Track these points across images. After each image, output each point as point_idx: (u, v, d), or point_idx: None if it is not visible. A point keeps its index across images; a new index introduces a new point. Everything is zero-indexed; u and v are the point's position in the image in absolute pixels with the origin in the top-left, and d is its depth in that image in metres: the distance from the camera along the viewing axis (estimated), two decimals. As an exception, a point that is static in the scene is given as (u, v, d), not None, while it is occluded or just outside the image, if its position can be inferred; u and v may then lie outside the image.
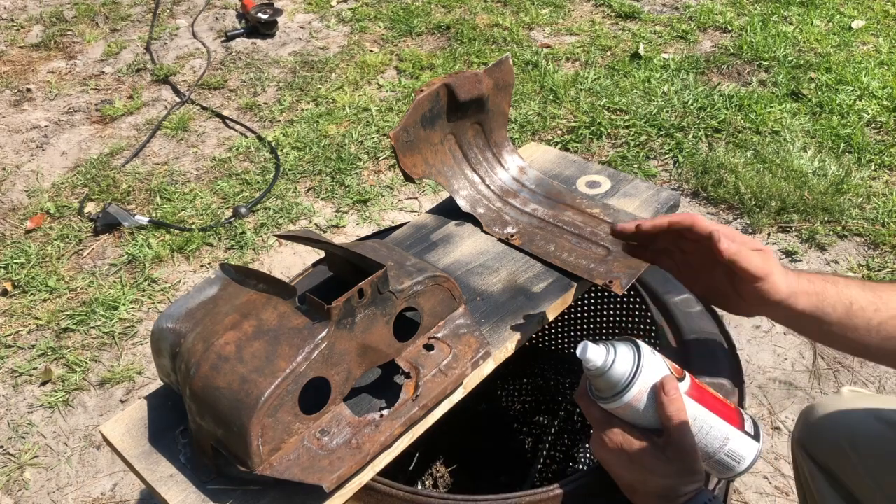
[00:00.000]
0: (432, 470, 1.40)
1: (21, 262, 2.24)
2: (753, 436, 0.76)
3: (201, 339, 0.76)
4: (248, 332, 0.75)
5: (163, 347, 0.81)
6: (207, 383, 0.73)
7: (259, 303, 0.78)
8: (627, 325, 1.16)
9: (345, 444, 0.74)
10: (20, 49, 3.47)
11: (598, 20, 3.39)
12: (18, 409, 1.83)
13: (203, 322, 0.79)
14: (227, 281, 0.84)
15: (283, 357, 0.72)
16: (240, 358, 0.73)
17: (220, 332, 0.76)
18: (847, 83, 2.77)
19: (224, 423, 0.72)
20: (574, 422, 1.32)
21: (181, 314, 0.81)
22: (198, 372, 0.74)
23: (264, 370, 0.71)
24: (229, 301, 0.80)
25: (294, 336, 0.73)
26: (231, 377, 0.72)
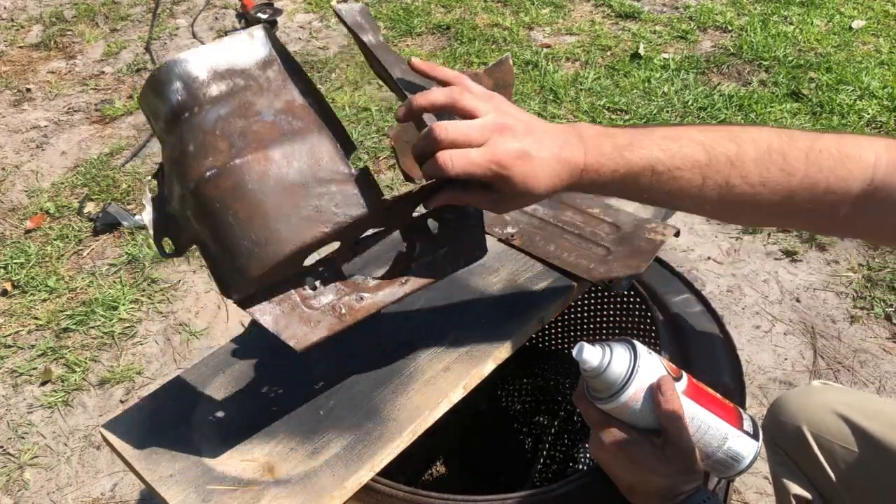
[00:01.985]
0: (432, 470, 1.40)
1: (21, 262, 2.24)
2: (752, 435, 0.76)
3: (227, 137, 0.66)
4: (286, 164, 0.66)
5: (166, 94, 0.68)
6: (224, 201, 0.65)
7: (306, 128, 0.69)
8: (627, 325, 1.16)
9: (328, 306, 0.71)
10: (20, 49, 3.47)
11: (598, 20, 3.39)
12: (18, 410, 1.83)
13: (230, 104, 0.67)
14: (269, 58, 0.71)
15: (316, 220, 0.65)
16: (270, 193, 0.65)
17: (253, 142, 0.66)
18: (847, 83, 2.77)
19: (224, 249, 0.66)
20: (574, 422, 1.32)
21: (204, 72, 0.68)
22: (217, 181, 0.65)
23: (292, 225, 0.65)
24: (267, 94, 0.69)
25: (334, 202, 0.67)
26: (253, 213, 0.65)
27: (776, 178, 0.72)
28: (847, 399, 0.96)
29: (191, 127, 0.67)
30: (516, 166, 0.69)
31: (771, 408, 1.02)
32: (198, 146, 0.66)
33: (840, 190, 0.71)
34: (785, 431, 0.97)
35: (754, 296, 1.99)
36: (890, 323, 1.90)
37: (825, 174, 0.71)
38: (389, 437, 0.78)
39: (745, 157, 0.72)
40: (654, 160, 0.72)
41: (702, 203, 0.74)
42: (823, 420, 0.94)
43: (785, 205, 0.73)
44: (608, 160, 0.72)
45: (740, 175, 0.72)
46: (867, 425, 0.91)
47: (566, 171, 0.71)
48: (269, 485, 0.75)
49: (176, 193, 0.68)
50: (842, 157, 0.71)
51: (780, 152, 0.72)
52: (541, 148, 0.70)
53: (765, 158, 0.72)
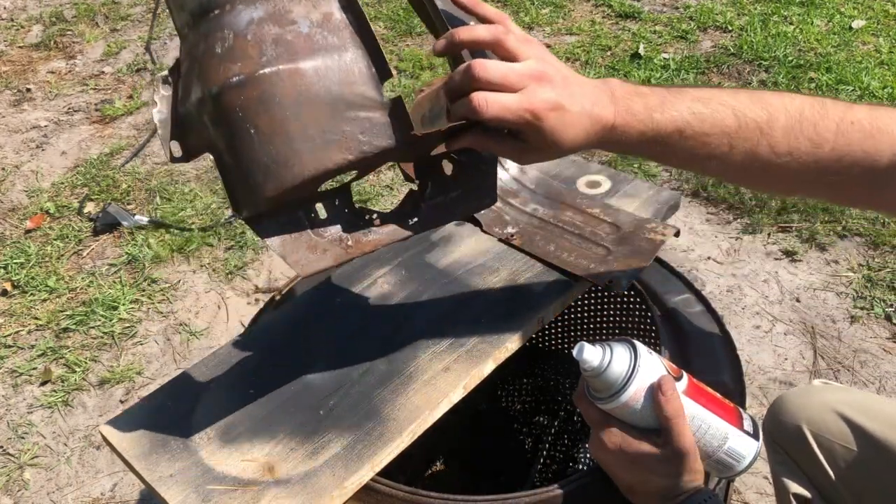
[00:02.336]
0: (432, 470, 1.40)
1: (21, 262, 2.24)
2: (753, 434, 0.76)
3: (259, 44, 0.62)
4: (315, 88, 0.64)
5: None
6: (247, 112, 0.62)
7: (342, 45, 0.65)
8: (627, 325, 1.16)
9: (335, 236, 0.69)
10: (20, 49, 3.47)
11: (598, 20, 3.39)
12: (18, 410, 1.83)
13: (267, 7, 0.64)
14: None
15: (340, 147, 0.63)
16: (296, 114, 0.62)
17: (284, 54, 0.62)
18: (847, 83, 2.77)
19: (239, 163, 0.64)
20: (574, 422, 1.32)
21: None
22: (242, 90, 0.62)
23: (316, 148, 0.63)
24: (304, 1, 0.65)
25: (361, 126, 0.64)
26: (277, 129, 0.62)
27: (804, 147, 0.70)
28: (847, 398, 0.96)
29: (220, 25, 0.63)
30: (549, 118, 0.67)
31: (771, 407, 1.02)
32: (226, 49, 0.62)
33: (866, 164, 0.70)
34: (785, 430, 0.97)
35: (754, 296, 1.99)
36: (890, 323, 1.90)
37: (853, 147, 0.70)
38: (389, 437, 0.78)
39: (776, 125, 0.70)
40: (684, 123, 0.70)
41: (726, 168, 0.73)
42: (823, 419, 0.94)
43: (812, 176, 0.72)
44: (638, 122, 0.70)
45: (769, 143, 0.71)
46: (867, 425, 0.91)
47: (595, 129, 0.70)
48: (269, 485, 0.75)
49: (194, 94, 0.65)
50: (873, 130, 0.70)
51: (812, 122, 0.70)
52: (574, 102, 0.68)
53: (795, 127, 0.70)
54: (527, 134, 0.69)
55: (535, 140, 0.69)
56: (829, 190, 0.74)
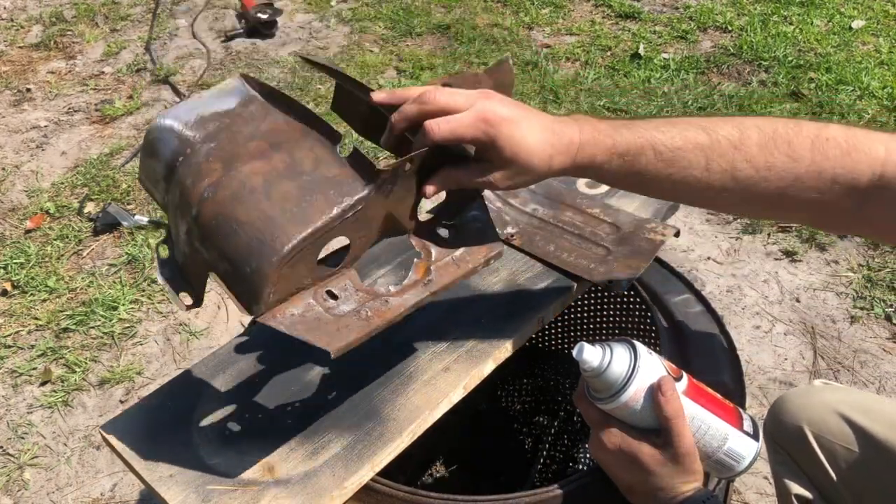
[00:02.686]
0: (432, 470, 1.40)
1: (21, 262, 2.24)
2: (752, 435, 0.76)
3: (220, 160, 0.69)
4: (279, 168, 0.68)
5: (160, 151, 0.72)
6: (224, 212, 0.66)
7: (291, 137, 0.71)
8: (627, 325, 1.16)
9: (352, 312, 0.70)
10: (20, 49, 3.47)
11: (598, 20, 3.39)
12: (18, 410, 1.83)
13: (219, 138, 0.71)
14: (249, 96, 0.75)
15: (317, 208, 0.66)
16: (267, 195, 0.66)
17: (244, 157, 0.69)
18: (847, 83, 2.77)
19: (234, 261, 0.66)
20: (574, 422, 1.32)
21: (191, 120, 0.72)
22: (214, 196, 0.67)
23: (295, 216, 0.66)
24: (251, 122, 0.72)
25: (331, 188, 0.67)
26: (255, 214, 0.66)
27: (782, 163, 0.70)
28: (848, 399, 0.96)
29: (187, 165, 0.69)
30: (503, 126, 0.68)
31: (772, 407, 1.02)
32: (194, 176, 0.68)
33: (846, 181, 0.69)
34: (786, 431, 0.97)
35: (754, 296, 1.99)
36: (890, 323, 1.90)
37: (831, 163, 0.69)
38: (389, 437, 0.78)
39: (749, 142, 0.70)
40: (653, 139, 0.70)
41: (708, 189, 0.72)
42: (824, 420, 0.94)
43: (793, 194, 0.71)
44: (605, 136, 0.71)
45: (745, 158, 0.70)
46: (868, 425, 0.91)
47: (561, 144, 0.70)
48: (269, 485, 0.75)
49: (182, 234, 0.70)
50: (849, 147, 0.69)
51: (786, 138, 0.70)
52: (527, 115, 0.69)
53: (769, 144, 0.70)
54: (487, 150, 0.69)
55: (496, 155, 0.69)
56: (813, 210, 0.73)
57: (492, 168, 0.71)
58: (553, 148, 0.70)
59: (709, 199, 0.75)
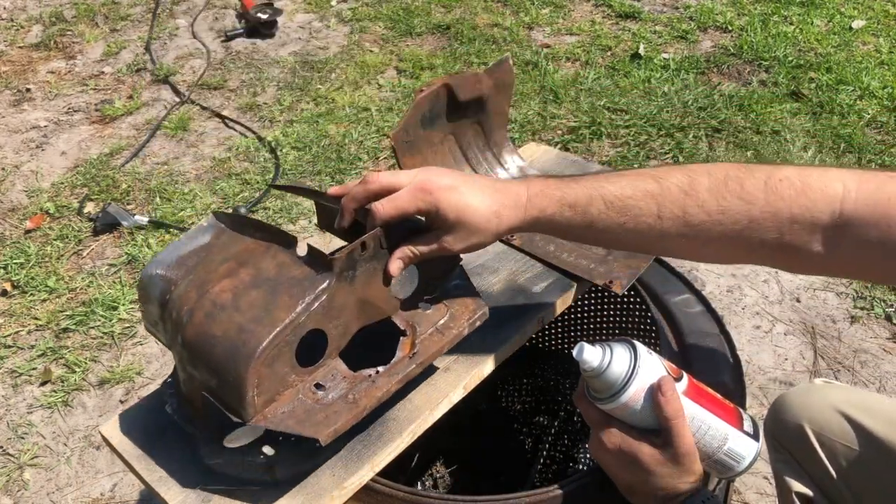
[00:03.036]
0: (432, 470, 1.40)
1: (20, 262, 2.24)
2: (752, 435, 0.76)
3: (195, 287, 0.75)
4: (246, 280, 0.74)
5: (151, 294, 0.79)
6: (202, 331, 0.71)
7: (257, 252, 0.77)
8: (627, 326, 1.16)
9: (340, 398, 0.73)
10: (20, 49, 3.47)
11: (598, 20, 3.39)
12: (18, 410, 1.83)
13: (196, 270, 0.77)
14: (220, 229, 0.82)
15: (283, 307, 0.70)
16: (236, 307, 0.72)
17: (215, 279, 0.74)
18: (847, 83, 2.77)
19: (218, 373, 0.70)
20: (574, 422, 1.32)
21: (172, 261, 0.79)
22: (191, 319, 0.72)
23: (262, 319, 0.70)
24: (224, 250, 0.79)
25: (294, 286, 0.72)
26: (227, 325, 0.70)
27: (735, 206, 0.70)
28: (849, 397, 0.96)
29: (172, 301, 0.76)
30: (443, 193, 0.72)
31: (773, 406, 1.02)
32: (177, 308, 0.75)
33: (806, 220, 0.69)
34: (787, 429, 0.97)
35: (754, 296, 1.99)
36: (890, 323, 1.90)
37: (787, 203, 0.69)
38: (389, 437, 0.78)
39: (699, 187, 0.70)
40: (602, 190, 0.72)
41: (663, 237, 0.73)
42: (825, 418, 0.94)
43: (751, 236, 0.70)
44: (554, 189, 0.73)
45: (696, 204, 0.70)
46: (868, 423, 0.91)
47: (508, 200, 0.73)
48: (269, 485, 0.75)
49: (178, 363, 0.76)
50: (804, 187, 0.69)
51: (737, 181, 0.70)
52: (469, 181, 0.73)
53: (720, 187, 0.70)
54: (433, 218, 0.73)
55: (442, 221, 0.73)
56: (776, 251, 0.72)
57: (442, 234, 0.74)
58: (499, 204, 0.73)
59: (665, 246, 0.76)
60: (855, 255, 0.69)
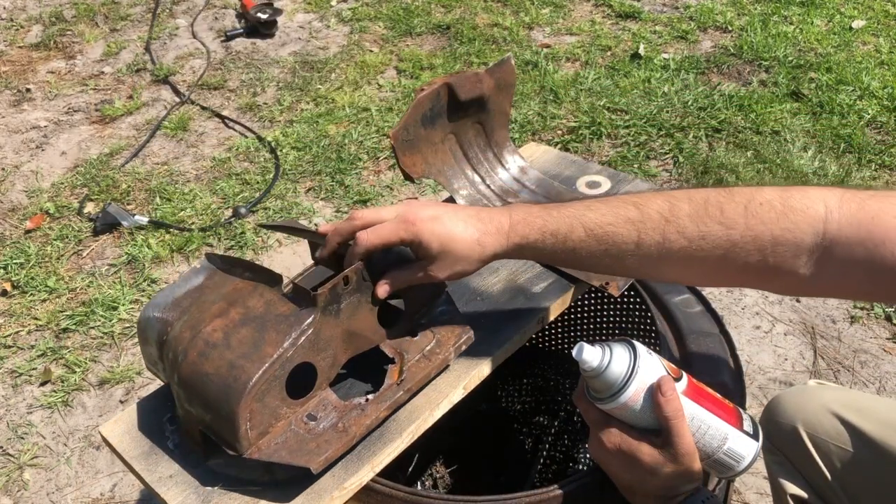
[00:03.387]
0: (432, 470, 1.40)
1: (20, 262, 2.24)
2: (752, 435, 0.76)
3: (189, 327, 0.77)
4: (236, 319, 0.76)
5: (150, 336, 0.81)
6: (195, 370, 0.74)
7: (245, 291, 0.79)
8: (627, 326, 1.16)
9: (332, 427, 0.75)
10: (20, 49, 3.47)
11: (598, 20, 3.39)
12: (18, 410, 1.83)
13: (190, 311, 0.79)
14: (212, 270, 0.84)
15: (271, 343, 0.73)
16: (227, 344, 0.74)
17: (207, 319, 0.77)
18: (847, 83, 2.77)
19: (212, 409, 0.73)
20: (574, 422, 1.32)
21: (167, 303, 0.82)
22: (186, 359, 0.75)
23: (252, 356, 0.72)
24: (216, 290, 0.81)
25: (281, 322, 0.74)
26: (219, 363, 0.73)
27: (715, 231, 0.70)
28: (842, 398, 0.96)
29: (168, 342, 0.78)
30: (425, 224, 0.74)
31: (767, 408, 1.02)
32: (173, 348, 0.77)
33: (789, 243, 0.68)
34: (781, 431, 0.97)
35: (754, 296, 1.99)
36: (890, 323, 1.90)
37: (769, 227, 0.69)
38: (389, 438, 0.78)
39: (680, 213, 0.71)
40: (583, 217, 0.73)
41: (645, 262, 0.73)
42: (819, 420, 0.94)
43: (734, 259, 0.70)
44: (536, 217, 0.75)
45: (677, 230, 0.71)
46: (862, 425, 0.91)
47: (491, 227, 0.75)
48: (269, 485, 0.75)
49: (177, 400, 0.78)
50: (785, 209, 0.69)
51: (717, 205, 0.70)
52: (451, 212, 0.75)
53: (701, 213, 0.71)
54: (417, 248, 0.75)
55: (426, 251, 0.75)
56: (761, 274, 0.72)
57: (427, 263, 0.77)
58: (481, 233, 0.75)
59: (647, 272, 0.77)
60: (841, 275, 0.69)
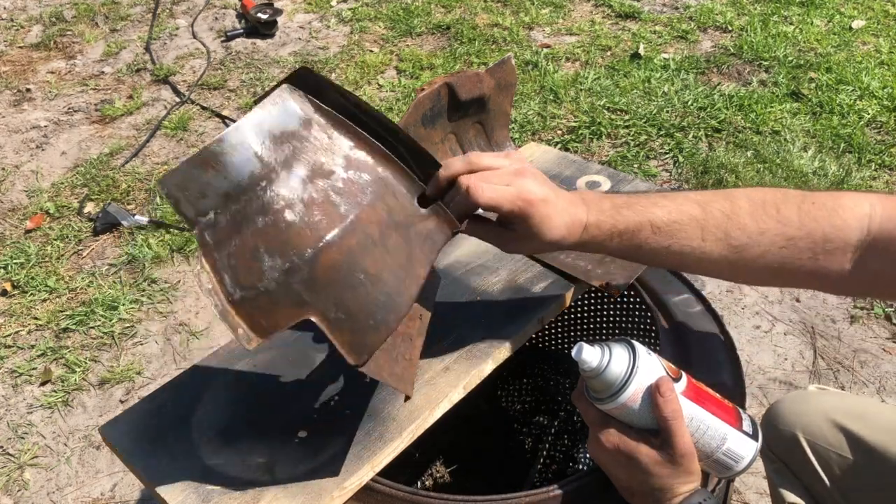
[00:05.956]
0: (432, 470, 1.40)
1: (21, 262, 2.24)
2: (752, 435, 0.76)
3: (328, 198, 0.64)
4: (383, 216, 0.67)
5: (230, 167, 0.64)
6: (352, 260, 0.64)
7: (372, 180, 0.69)
8: (627, 326, 1.16)
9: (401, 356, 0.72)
10: (20, 49, 3.47)
11: (598, 20, 3.39)
12: (18, 410, 1.83)
13: (304, 165, 0.65)
14: (306, 117, 0.67)
15: (419, 262, 0.67)
16: (385, 247, 0.66)
17: (354, 200, 0.66)
18: (847, 83, 2.77)
19: (353, 312, 0.64)
20: (574, 422, 1.32)
21: (266, 140, 0.65)
22: (341, 243, 0.63)
23: (409, 271, 0.66)
24: (323, 152, 0.67)
25: (424, 242, 0.69)
26: (381, 265, 0.65)
27: (773, 227, 0.74)
28: (842, 405, 0.96)
29: (276, 196, 0.63)
30: (538, 206, 0.73)
31: (766, 414, 1.02)
32: (301, 214, 0.63)
33: (838, 239, 0.73)
34: (781, 438, 0.97)
35: (754, 296, 1.99)
36: (890, 323, 1.90)
37: (820, 224, 0.74)
38: (389, 437, 0.78)
39: (741, 212, 0.75)
40: (651, 215, 0.75)
41: (705, 258, 0.77)
42: (819, 427, 0.94)
43: (789, 254, 0.75)
44: (608, 217, 0.76)
45: (738, 227, 0.75)
46: (862, 432, 0.91)
47: (575, 225, 0.76)
48: (269, 485, 0.75)
49: (271, 269, 0.64)
50: (835, 207, 0.74)
51: (774, 205, 0.75)
52: (558, 196, 0.75)
53: (759, 211, 0.75)
54: (516, 222, 0.74)
55: (522, 228, 0.74)
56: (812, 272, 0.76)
57: (514, 237, 0.76)
58: (567, 229, 0.75)
59: (706, 268, 0.79)
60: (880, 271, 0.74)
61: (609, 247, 0.77)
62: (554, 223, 0.74)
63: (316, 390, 0.86)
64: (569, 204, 0.75)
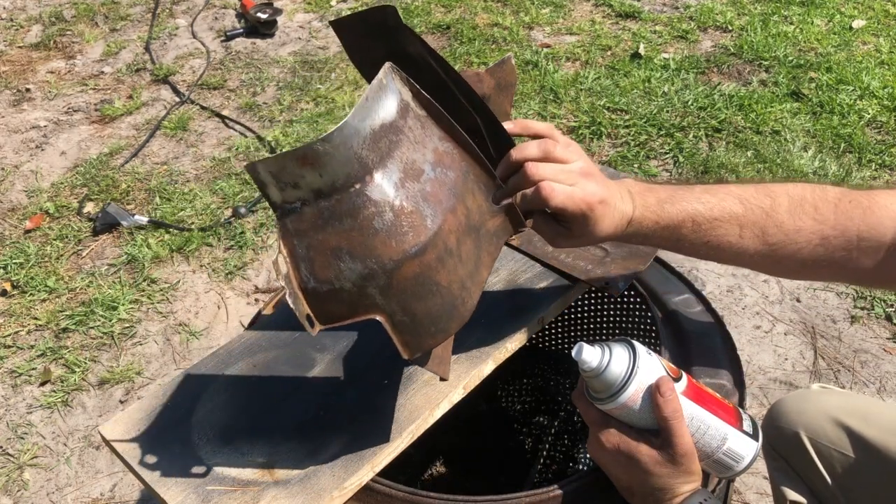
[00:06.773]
0: (432, 470, 1.40)
1: (20, 262, 2.24)
2: (752, 435, 0.76)
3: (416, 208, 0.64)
4: (462, 223, 0.67)
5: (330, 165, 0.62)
6: (428, 273, 0.64)
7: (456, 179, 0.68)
8: (628, 326, 1.16)
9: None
10: (19, 49, 3.47)
11: (598, 20, 3.39)
12: (17, 410, 1.83)
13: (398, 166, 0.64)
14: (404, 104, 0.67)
15: (485, 265, 0.69)
16: (459, 256, 0.67)
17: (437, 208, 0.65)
18: (847, 83, 2.77)
19: (419, 318, 0.65)
20: (574, 422, 1.32)
21: (366, 137, 0.63)
22: (423, 257, 0.64)
23: (474, 277, 0.67)
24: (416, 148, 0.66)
25: (490, 242, 0.71)
26: (452, 277, 0.66)
27: (809, 225, 0.77)
28: (845, 404, 0.96)
29: (367, 199, 0.63)
30: (597, 209, 0.75)
31: (769, 413, 1.02)
32: (389, 223, 0.63)
33: (873, 238, 0.75)
34: (783, 437, 0.97)
35: (754, 296, 1.99)
36: (890, 323, 1.90)
37: (856, 222, 0.76)
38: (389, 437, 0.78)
39: (780, 209, 0.77)
40: (694, 212, 0.78)
41: (741, 253, 0.79)
42: (821, 426, 0.94)
43: (823, 252, 0.77)
44: (651, 213, 0.78)
45: (775, 224, 0.77)
46: (864, 431, 0.91)
47: (622, 222, 0.78)
48: (269, 485, 0.75)
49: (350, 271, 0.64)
50: (871, 205, 0.76)
51: (812, 203, 0.77)
52: (612, 195, 0.77)
53: (797, 209, 0.77)
54: (574, 222, 0.76)
55: (578, 228, 0.76)
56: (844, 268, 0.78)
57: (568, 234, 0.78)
58: (616, 227, 0.78)
59: (741, 261, 0.82)
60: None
61: (651, 239, 0.80)
62: (606, 223, 0.76)
63: (316, 390, 0.86)
64: (620, 201, 0.77)
